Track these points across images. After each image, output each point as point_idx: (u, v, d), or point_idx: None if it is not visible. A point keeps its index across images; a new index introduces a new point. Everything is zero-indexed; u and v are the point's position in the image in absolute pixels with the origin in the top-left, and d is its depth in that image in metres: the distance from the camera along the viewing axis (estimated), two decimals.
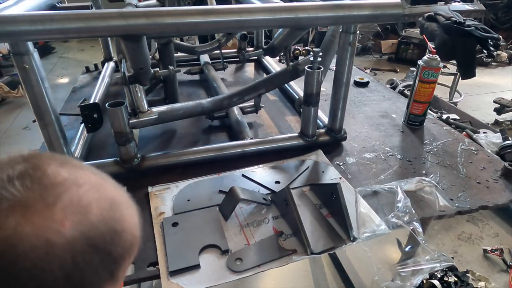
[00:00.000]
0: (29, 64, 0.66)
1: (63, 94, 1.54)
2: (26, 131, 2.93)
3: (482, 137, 2.03)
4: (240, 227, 0.69)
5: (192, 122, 1.10)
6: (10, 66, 3.71)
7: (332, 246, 0.65)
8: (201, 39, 2.70)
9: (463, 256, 1.79)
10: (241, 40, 1.54)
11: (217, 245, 0.64)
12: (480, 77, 3.72)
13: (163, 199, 0.76)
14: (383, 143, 1.01)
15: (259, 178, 0.83)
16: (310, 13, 0.76)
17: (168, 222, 0.69)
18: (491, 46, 2.58)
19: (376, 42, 4.87)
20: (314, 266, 1.73)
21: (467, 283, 1.52)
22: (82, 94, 1.30)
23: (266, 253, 0.63)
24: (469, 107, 3.27)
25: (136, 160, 0.83)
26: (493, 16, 4.95)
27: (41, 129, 0.74)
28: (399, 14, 0.80)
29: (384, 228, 0.69)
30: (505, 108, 2.93)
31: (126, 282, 0.58)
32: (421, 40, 4.07)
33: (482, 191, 0.82)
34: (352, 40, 0.85)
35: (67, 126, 1.06)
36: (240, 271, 0.60)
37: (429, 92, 1.04)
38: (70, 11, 0.64)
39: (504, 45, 4.60)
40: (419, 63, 1.03)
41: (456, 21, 2.59)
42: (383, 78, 3.76)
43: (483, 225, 2.00)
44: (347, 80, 0.91)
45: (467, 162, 0.93)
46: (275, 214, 0.73)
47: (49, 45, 4.85)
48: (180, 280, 0.58)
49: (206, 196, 0.77)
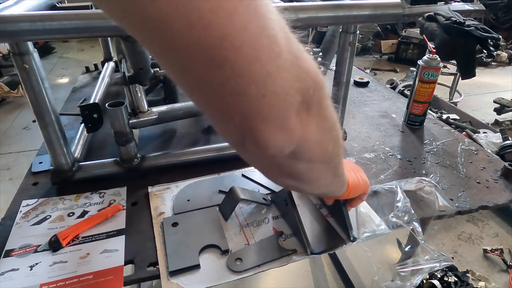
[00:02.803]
0: (29, 64, 0.66)
1: (63, 94, 1.54)
2: (26, 131, 2.94)
3: (482, 137, 2.03)
4: (240, 227, 0.69)
5: (192, 122, 1.10)
6: (10, 66, 3.71)
7: (332, 246, 0.65)
8: None
9: (463, 256, 1.80)
10: None
11: (217, 245, 0.64)
12: (480, 77, 3.72)
13: (163, 199, 0.76)
14: (383, 143, 1.01)
15: (259, 178, 0.83)
16: (310, 13, 0.76)
17: (168, 222, 0.69)
18: (491, 46, 2.58)
19: (376, 42, 4.87)
20: (314, 266, 1.73)
21: (467, 283, 1.52)
22: (82, 94, 1.30)
23: (266, 253, 0.63)
24: (469, 107, 3.27)
25: (136, 160, 0.83)
26: (493, 16, 4.95)
27: (41, 129, 0.74)
28: (399, 14, 0.80)
29: (384, 228, 0.69)
30: (505, 108, 2.93)
31: (126, 282, 0.58)
32: (421, 40, 4.07)
33: (482, 191, 0.82)
34: (352, 40, 0.85)
35: (67, 126, 1.06)
36: (240, 271, 0.60)
37: (429, 92, 1.04)
38: (70, 11, 0.64)
39: (504, 45, 4.60)
40: (419, 63, 1.03)
41: (456, 21, 2.59)
42: (383, 78, 3.76)
43: (483, 225, 2.00)
44: (347, 80, 0.91)
45: (467, 162, 0.93)
46: (275, 214, 0.73)
47: (49, 45, 4.86)
48: (180, 280, 0.58)
49: (206, 196, 0.77)
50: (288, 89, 0.26)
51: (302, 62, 0.27)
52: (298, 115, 0.28)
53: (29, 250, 0.63)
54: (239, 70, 0.23)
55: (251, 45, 0.23)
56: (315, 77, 0.28)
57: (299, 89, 0.27)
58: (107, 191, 0.78)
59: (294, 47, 0.27)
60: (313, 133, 0.30)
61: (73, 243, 0.65)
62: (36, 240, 0.65)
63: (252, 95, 0.24)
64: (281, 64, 0.25)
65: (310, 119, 0.29)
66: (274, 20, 0.25)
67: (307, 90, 0.27)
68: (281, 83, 0.25)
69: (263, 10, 0.24)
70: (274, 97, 0.25)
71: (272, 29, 0.25)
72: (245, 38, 0.23)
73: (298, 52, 0.27)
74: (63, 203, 0.75)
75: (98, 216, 0.70)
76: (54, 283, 0.57)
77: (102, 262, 0.61)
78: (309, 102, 0.28)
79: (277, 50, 0.25)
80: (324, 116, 0.31)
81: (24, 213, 0.72)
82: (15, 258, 0.62)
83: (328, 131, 0.33)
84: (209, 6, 0.21)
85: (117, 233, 0.67)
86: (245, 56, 0.23)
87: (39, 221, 0.70)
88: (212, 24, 0.22)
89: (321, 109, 0.31)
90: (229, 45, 0.22)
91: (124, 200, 0.76)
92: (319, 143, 0.32)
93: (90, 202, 0.75)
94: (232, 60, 0.23)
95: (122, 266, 0.61)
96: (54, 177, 0.79)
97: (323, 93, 0.30)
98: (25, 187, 0.81)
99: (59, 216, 0.72)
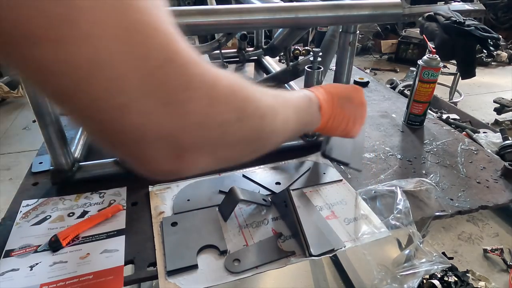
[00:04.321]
0: None
1: None
2: (26, 131, 2.93)
3: (482, 137, 2.03)
4: (239, 227, 0.69)
5: None
6: None
7: (332, 248, 0.64)
8: (201, 39, 2.70)
9: (463, 256, 1.80)
10: (241, 40, 1.54)
11: (216, 246, 0.64)
12: (480, 77, 3.72)
13: (163, 199, 0.76)
14: (383, 143, 1.01)
15: (260, 178, 0.83)
16: (310, 13, 0.76)
17: (168, 222, 0.69)
18: (491, 46, 2.57)
19: (376, 42, 4.87)
20: (314, 266, 1.73)
21: (467, 283, 1.52)
22: None
23: (265, 254, 0.63)
24: (469, 107, 3.27)
25: None
26: (493, 16, 4.94)
27: (41, 129, 0.74)
28: (399, 14, 0.80)
29: (385, 230, 0.69)
30: (505, 108, 2.93)
31: (126, 282, 0.58)
32: (421, 40, 4.07)
33: (482, 191, 0.82)
34: (352, 40, 0.85)
35: (67, 126, 1.06)
36: (237, 272, 0.60)
37: (429, 92, 1.04)
38: None
39: (504, 45, 4.60)
40: (419, 63, 1.03)
41: (456, 21, 2.59)
42: (383, 78, 3.76)
43: (483, 225, 2.00)
44: (347, 80, 0.91)
45: (467, 162, 0.93)
46: (274, 215, 0.73)
47: None
48: (177, 280, 0.58)
49: (206, 196, 0.77)
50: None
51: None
52: (176, 158, 0.28)
53: (29, 250, 0.63)
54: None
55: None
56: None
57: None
58: (107, 191, 0.78)
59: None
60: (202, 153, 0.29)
61: (73, 243, 0.65)
62: (36, 240, 0.65)
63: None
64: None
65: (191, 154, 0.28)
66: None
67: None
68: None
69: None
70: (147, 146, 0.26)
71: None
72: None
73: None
74: (63, 203, 0.75)
75: (98, 216, 0.70)
76: (54, 283, 0.57)
77: (102, 262, 0.61)
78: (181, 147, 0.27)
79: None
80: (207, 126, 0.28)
81: (24, 213, 0.72)
82: (15, 258, 0.62)
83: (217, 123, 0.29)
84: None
85: (117, 233, 0.67)
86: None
87: (39, 221, 0.70)
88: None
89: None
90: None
91: (124, 200, 0.76)
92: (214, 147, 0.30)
93: (90, 202, 0.75)
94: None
95: (122, 266, 0.61)
96: (54, 177, 0.79)
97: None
98: (25, 187, 0.81)
99: (59, 216, 0.72)
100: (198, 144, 0.28)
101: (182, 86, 0.25)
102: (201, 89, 0.26)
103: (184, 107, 0.25)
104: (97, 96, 0.23)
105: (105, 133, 0.26)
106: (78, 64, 0.21)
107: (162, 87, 0.24)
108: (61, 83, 0.22)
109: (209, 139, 0.28)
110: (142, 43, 0.23)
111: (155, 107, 0.24)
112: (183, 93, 0.25)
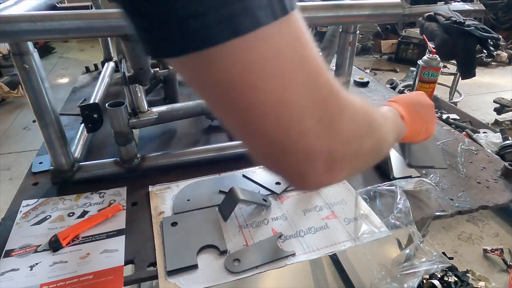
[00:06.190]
0: (29, 64, 0.66)
1: (63, 94, 1.54)
2: (26, 131, 2.93)
3: (482, 137, 2.03)
4: (239, 227, 0.69)
5: (192, 122, 1.10)
6: (10, 66, 3.70)
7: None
8: None
9: (463, 256, 1.79)
10: None
11: (216, 246, 0.64)
12: (480, 77, 3.72)
13: (163, 199, 0.76)
14: None
15: (260, 178, 0.83)
16: (310, 13, 0.76)
17: (168, 222, 0.69)
18: (491, 46, 2.58)
19: (376, 42, 4.87)
20: (314, 266, 1.73)
21: (467, 283, 1.52)
22: (82, 94, 1.30)
23: (265, 254, 0.63)
24: (469, 107, 3.27)
25: (136, 160, 0.83)
26: (493, 16, 4.94)
27: (41, 129, 0.74)
28: (399, 14, 0.80)
29: (385, 230, 0.69)
30: (505, 108, 2.92)
31: (126, 282, 0.58)
32: (421, 40, 4.06)
33: (482, 191, 0.82)
34: (352, 40, 0.85)
35: (67, 126, 1.06)
36: (237, 272, 0.60)
37: (429, 92, 1.04)
38: (70, 11, 0.64)
39: (504, 45, 4.60)
40: (419, 63, 1.03)
41: (456, 21, 2.59)
42: (383, 78, 3.76)
43: (483, 225, 2.00)
44: (347, 80, 0.91)
45: (467, 162, 0.93)
46: (274, 215, 0.73)
47: (49, 45, 4.85)
48: (177, 280, 0.58)
49: (206, 196, 0.77)
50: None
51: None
52: (328, 172, 0.33)
53: (29, 250, 0.63)
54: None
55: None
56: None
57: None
58: (107, 191, 0.79)
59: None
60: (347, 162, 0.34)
61: (73, 243, 0.65)
62: (36, 240, 0.65)
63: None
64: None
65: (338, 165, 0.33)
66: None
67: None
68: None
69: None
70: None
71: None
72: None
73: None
74: (63, 203, 0.75)
75: (98, 216, 0.70)
76: (54, 283, 0.57)
77: (102, 262, 0.61)
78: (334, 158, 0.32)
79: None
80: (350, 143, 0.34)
81: (24, 213, 0.72)
82: (15, 258, 0.62)
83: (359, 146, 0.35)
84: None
85: (117, 233, 0.67)
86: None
87: (39, 221, 0.70)
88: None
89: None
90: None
91: (124, 200, 0.76)
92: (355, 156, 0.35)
93: (90, 202, 0.75)
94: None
95: (122, 266, 0.61)
96: (54, 177, 0.79)
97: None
98: (25, 187, 0.81)
99: (59, 216, 0.72)
100: (344, 156, 0.33)
101: (337, 110, 0.31)
102: (348, 111, 0.33)
103: (337, 127, 0.32)
104: (289, 126, 0.28)
105: (275, 154, 0.31)
106: (281, 104, 0.27)
107: (327, 113, 0.30)
108: (265, 122, 0.28)
109: (350, 151, 0.34)
110: (316, 82, 0.29)
111: (321, 129, 0.30)
112: (337, 115, 0.31)
